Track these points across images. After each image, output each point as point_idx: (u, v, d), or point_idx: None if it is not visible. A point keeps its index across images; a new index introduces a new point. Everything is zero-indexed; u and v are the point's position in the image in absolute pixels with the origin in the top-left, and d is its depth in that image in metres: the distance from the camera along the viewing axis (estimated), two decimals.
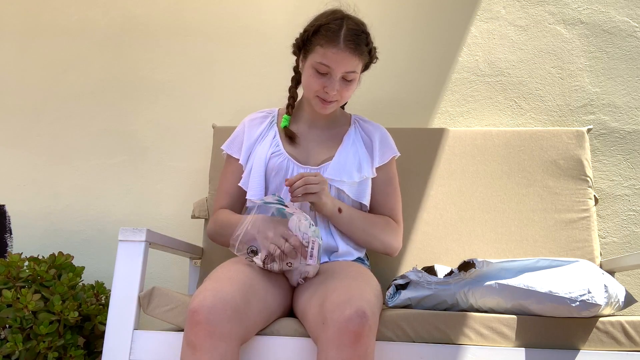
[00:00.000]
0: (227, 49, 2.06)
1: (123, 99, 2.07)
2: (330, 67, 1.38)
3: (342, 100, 1.45)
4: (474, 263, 1.29)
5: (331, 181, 1.44)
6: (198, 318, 1.08)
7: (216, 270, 1.26)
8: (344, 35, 1.37)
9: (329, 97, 1.41)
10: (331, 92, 1.40)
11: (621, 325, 1.18)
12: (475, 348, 1.19)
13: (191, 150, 2.01)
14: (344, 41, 1.36)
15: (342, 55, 1.36)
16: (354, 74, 1.41)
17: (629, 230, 1.82)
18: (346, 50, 1.36)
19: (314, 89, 1.42)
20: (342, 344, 1.05)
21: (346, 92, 1.43)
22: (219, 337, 1.08)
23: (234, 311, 1.11)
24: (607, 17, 1.95)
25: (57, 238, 2.00)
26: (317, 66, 1.39)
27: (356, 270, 1.29)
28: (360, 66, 1.42)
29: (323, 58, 1.38)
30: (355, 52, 1.37)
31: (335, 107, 1.46)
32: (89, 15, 2.14)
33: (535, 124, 1.92)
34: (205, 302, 1.09)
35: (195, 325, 1.08)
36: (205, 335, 1.07)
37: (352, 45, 1.36)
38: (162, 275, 1.94)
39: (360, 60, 1.40)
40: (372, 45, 1.45)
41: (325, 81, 1.40)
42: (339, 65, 1.37)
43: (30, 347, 1.47)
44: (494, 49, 1.98)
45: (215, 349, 1.07)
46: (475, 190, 1.73)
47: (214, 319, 1.08)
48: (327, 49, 1.37)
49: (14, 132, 2.09)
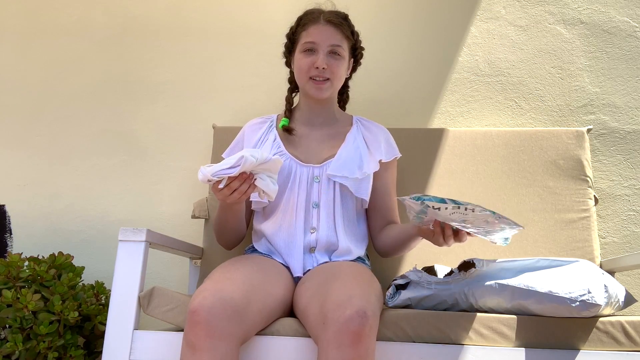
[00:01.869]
0: (227, 49, 2.06)
1: (123, 99, 2.07)
2: (315, 42, 1.45)
3: (334, 79, 1.47)
4: (474, 263, 1.29)
5: (333, 177, 1.45)
6: (198, 318, 1.08)
7: (216, 270, 1.26)
8: (324, 15, 1.48)
9: (319, 74, 1.45)
10: (320, 66, 1.44)
11: (621, 325, 1.18)
12: (475, 348, 1.19)
13: (191, 150, 2.01)
14: (324, 19, 1.47)
15: (324, 29, 1.46)
16: (340, 49, 1.46)
17: (629, 230, 1.82)
18: (327, 24, 1.46)
19: (304, 69, 1.47)
20: (342, 344, 1.05)
21: (336, 69, 1.46)
22: (219, 337, 1.08)
23: (234, 311, 1.11)
24: (607, 17, 1.95)
25: (57, 238, 2.00)
26: (304, 46, 1.47)
27: (356, 270, 1.29)
28: (345, 43, 1.48)
29: (307, 37, 1.47)
30: (337, 26, 1.46)
31: (330, 88, 1.48)
32: (89, 15, 2.14)
33: (535, 124, 1.92)
34: (205, 302, 1.09)
35: (195, 325, 1.08)
36: (205, 335, 1.07)
37: (333, 19, 1.46)
38: (162, 275, 1.94)
39: (344, 36, 1.47)
40: (355, 29, 1.53)
41: (314, 58, 1.46)
42: (323, 38, 1.45)
43: (30, 347, 1.47)
44: (494, 49, 1.98)
45: (215, 349, 1.07)
46: (475, 190, 1.73)
47: (214, 319, 1.08)
48: (309, 29, 1.47)
49: (14, 132, 2.09)
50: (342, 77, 1.50)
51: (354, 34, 1.52)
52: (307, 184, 1.46)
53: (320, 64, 1.44)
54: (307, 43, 1.46)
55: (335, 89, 1.51)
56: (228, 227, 1.45)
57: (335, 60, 1.46)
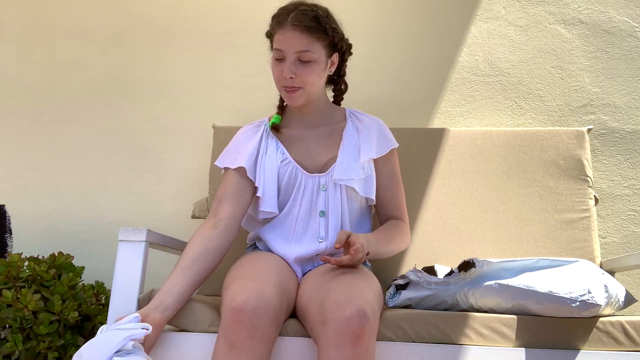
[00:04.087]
0: (227, 49, 2.06)
1: (123, 99, 2.07)
2: (282, 50, 1.37)
3: (306, 86, 1.39)
4: (474, 263, 1.29)
5: (340, 181, 1.42)
6: (242, 317, 1.09)
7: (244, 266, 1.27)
8: (292, 17, 1.36)
9: (288, 83, 1.38)
10: (287, 76, 1.36)
11: (621, 325, 1.18)
12: (475, 348, 1.19)
13: (191, 150, 2.01)
14: (291, 22, 1.35)
15: (289, 35, 1.35)
16: (309, 54, 1.36)
17: (629, 230, 1.82)
18: (293, 29, 1.35)
19: (276, 78, 1.41)
20: (342, 343, 1.05)
21: (306, 76, 1.37)
22: (259, 338, 1.09)
23: (275, 314, 1.13)
24: (607, 17, 1.95)
25: (57, 238, 2.00)
26: (274, 54, 1.40)
27: (356, 270, 1.29)
28: (316, 46, 1.37)
29: (276, 43, 1.39)
30: (304, 30, 1.35)
31: (303, 95, 1.40)
32: (89, 15, 2.14)
33: (535, 124, 1.92)
34: (249, 302, 1.10)
35: (238, 324, 1.09)
36: (246, 335, 1.08)
37: (298, 23, 1.35)
38: (162, 275, 1.94)
39: (313, 38, 1.36)
40: (332, 24, 1.40)
41: (282, 66, 1.38)
42: (288, 45, 1.35)
43: (30, 347, 1.47)
44: (494, 49, 1.98)
45: (254, 350, 1.09)
46: (475, 190, 1.72)
47: (258, 321, 1.09)
48: (277, 35, 1.38)
49: (14, 132, 2.09)
50: (315, 81, 1.40)
51: (328, 31, 1.39)
52: (312, 193, 1.43)
53: (286, 74, 1.36)
54: (275, 51, 1.38)
55: (310, 94, 1.42)
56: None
57: (304, 68, 1.37)
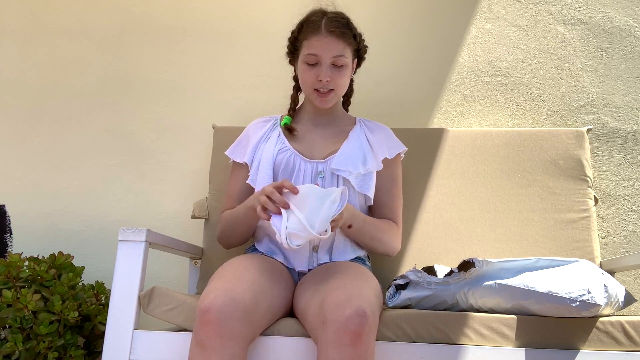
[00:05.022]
0: (227, 49, 2.06)
1: (123, 99, 2.07)
2: (317, 55, 1.43)
3: (338, 89, 1.47)
4: (474, 262, 1.29)
5: (336, 171, 1.45)
6: (209, 317, 1.08)
7: (223, 268, 1.26)
8: (325, 23, 1.44)
9: (323, 86, 1.45)
10: (324, 79, 1.43)
11: (621, 325, 1.18)
12: (475, 348, 1.19)
13: (191, 150, 2.01)
14: (326, 28, 1.43)
15: (326, 41, 1.42)
16: (343, 59, 1.44)
17: (629, 230, 1.82)
18: (329, 35, 1.43)
19: (308, 82, 1.46)
20: (342, 343, 1.05)
21: (340, 79, 1.46)
22: (229, 337, 1.08)
23: (245, 312, 1.11)
24: (607, 17, 1.95)
25: (57, 238, 2.00)
26: (307, 59, 1.45)
27: (356, 270, 1.29)
28: (347, 51, 1.45)
29: (310, 49, 1.44)
30: (339, 36, 1.43)
31: (334, 98, 1.49)
32: (89, 15, 2.14)
33: (535, 124, 1.92)
34: (216, 301, 1.09)
35: (205, 324, 1.08)
36: (215, 335, 1.07)
37: (334, 29, 1.43)
38: (162, 275, 1.95)
39: (346, 44, 1.45)
40: (357, 31, 1.50)
41: (317, 71, 1.45)
42: (325, 50, 1.42)
43: (30, 347, 1.48)
44: (494, 49, 1.98)
45: (224, 349, 1.08)
46: (475, 190, 1.73)
47: (225, 319, 1.08)
48: (311, 40, 1.44)
49: (14, 132, 2.09)
50: (346, 84, 1.50)
51: (356, 37, 1.50)
52: (311, 180, 1.46)
53: (323, 77, 1.44)
54: (310, 55, 1.44)
55: (339, 96, 1.52)
56: (239, 231, 1.46)
57: (338, 71, 1.45)
